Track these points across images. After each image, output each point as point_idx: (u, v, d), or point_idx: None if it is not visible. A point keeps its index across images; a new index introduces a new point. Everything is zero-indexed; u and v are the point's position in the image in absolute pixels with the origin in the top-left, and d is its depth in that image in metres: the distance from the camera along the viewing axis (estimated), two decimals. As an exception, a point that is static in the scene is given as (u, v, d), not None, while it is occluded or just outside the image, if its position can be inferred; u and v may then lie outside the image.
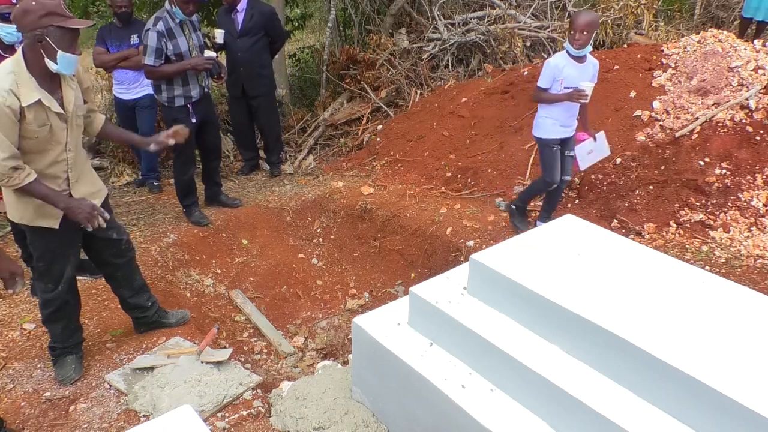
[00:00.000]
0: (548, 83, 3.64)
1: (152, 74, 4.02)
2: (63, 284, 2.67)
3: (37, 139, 2.35)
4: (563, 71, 3.58)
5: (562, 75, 3.59)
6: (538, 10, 6.79)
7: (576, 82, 3.57)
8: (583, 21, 3.45)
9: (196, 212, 4.45)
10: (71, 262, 2.69)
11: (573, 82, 3.58)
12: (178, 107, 4.09)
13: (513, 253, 2.12)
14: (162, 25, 3.87)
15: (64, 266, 2.65)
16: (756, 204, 3.90)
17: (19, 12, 2.24)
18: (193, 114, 4.15)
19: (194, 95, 4.12)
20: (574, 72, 3.59)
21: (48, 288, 2.66)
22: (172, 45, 3.92)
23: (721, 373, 1.54)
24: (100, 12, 7.96)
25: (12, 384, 2.78)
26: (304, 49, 9.10)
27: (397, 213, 4.58)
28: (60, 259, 2.63)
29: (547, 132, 3.79)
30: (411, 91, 6.54)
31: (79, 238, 2.69)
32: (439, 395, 1.99)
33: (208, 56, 4.10)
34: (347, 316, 4.10)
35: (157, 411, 2.53)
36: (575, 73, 3.59)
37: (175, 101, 4.08)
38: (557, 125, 3.75)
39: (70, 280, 2.71)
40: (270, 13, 5.08)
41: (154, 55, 3.89)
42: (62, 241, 2.61)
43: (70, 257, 2.68)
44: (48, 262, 2.61)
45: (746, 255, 3.63)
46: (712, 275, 2.04)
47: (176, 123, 4.08)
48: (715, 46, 4.76)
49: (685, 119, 4.32)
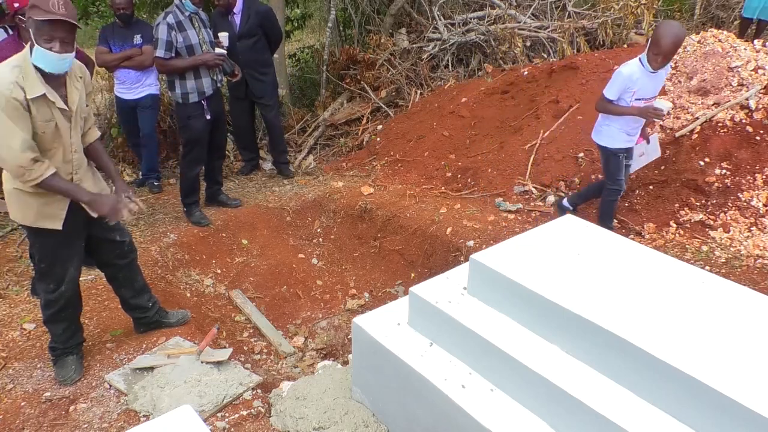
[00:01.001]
0: (617, 95, 3.43)
1: (163, 67, 4.02)
2: (66, 284, 2.66)
3: (43, 135, 2.35)
4: (636, 82, 3.37)
5: (636, 86, 3.38)
6: (538, 10, 6.79)
7: (649, 93, 3.41)
8: (671, 43, 3.16)
9: (197, 212, 4.45)
10: (74, 263, 2.68)
11: (646, 92, 3.41)
12: (192, 104, 4.09)
13: (513, 253, 2.12)
14: (172, 18, 3.90)
15: (67, 267, 2.64)
16: (756, 204, 3.90)
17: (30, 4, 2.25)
18: (208, 110, 4.16)
19: (207, 90, 4.12)
20: (647, 82, 3.38)
21: (50, 289, 2.65)
22: (182, 37, 3.93)
23: (721, 373, 1.54)
24: (100, 12, 7.96)
25: (12, 384, 2.77)
26: (304, 49, 9.11)
27: (397, 213, 4.58)
28: (62, 261, 2.62)
29: (614, 141, 3.61)
30: (411, 91, 6.54)
31: (82, 239, 2.68)
32: (439, 395, 1.99)
33: (218, 52, 4.10)
34: (347, 316, 4.10)
35: (157, 411, 2.53)
36: (649, 84, 3.39)
37: (190, 97, 4.07)
38: (624, 134, 3.59)
39: (73, 281, 2.70)
40: (266, 11, 5.06)
41: (164, 47, 3.90)
42: (65, 243, 2.60)
43: (73, 258, 2.66)
44: (50, 263, 2.61)
45: (746, 255, 3.63)
46: (712, 275, 2.04)
47: (191, 120, 4.13)
48: (715, 46, 4.76)
49: (685, 119, 4.32)
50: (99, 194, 2.55)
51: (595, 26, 6.46)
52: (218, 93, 4.31)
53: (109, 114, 5.84)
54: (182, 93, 4.07)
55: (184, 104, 4.10)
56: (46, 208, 2.48)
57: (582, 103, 4.87)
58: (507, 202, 4.46)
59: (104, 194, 2.56)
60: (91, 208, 2.52)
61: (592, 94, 4.87)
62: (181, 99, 4.09)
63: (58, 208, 2.50)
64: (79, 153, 2.54)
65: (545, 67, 5.55)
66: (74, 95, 2.46)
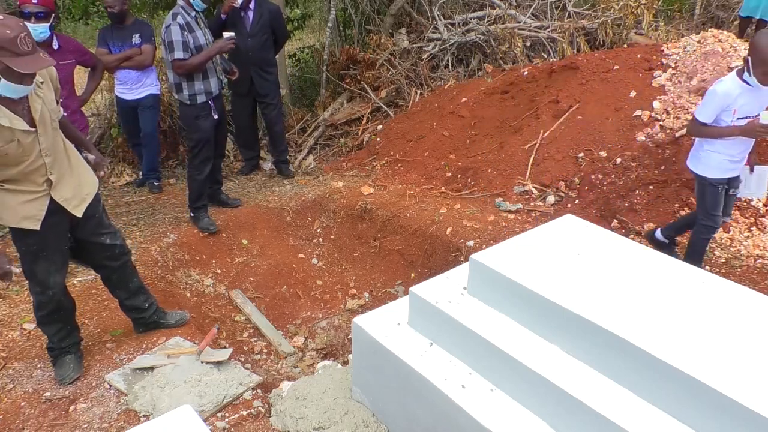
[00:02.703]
0: (712, 117, 3.03)
1: (182, 68, 3.95)
2: (52, 289, 2.63)
3: (7, 156, 2.29)
4: (737, 101, 2.97)
5: (736, 105, 2.98)
6: (538, 10, 6.79)
7: (755, 110, 3.00)
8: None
9: (206, 218, 4.38)
10: (56, 265, 2.63)
11: (751, 110, 2.99)
12: (201, 104, 4.08)
13: (513, 253, 2.12)
14: (181, 19, 3.90)
15: (49, 271, 2.60)
16: (756, 204, 3.90)
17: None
18: (215, 110, 4.16)
19: (214, 90, 4.12)
20: (750, 99, 2.98)
21: (36, 290, 2.63)
22: (192, 38, 3.93)
23: (721, 373, 1.54)
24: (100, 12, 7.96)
25: (12, 384, 2.78)
26: (304, 49, 9.11)
27: (397, 213, 4.58)
28: (42, 261, 2.57)
29: (713, 170, 3.17)
30: (411, 91, 6.54)
31: (64, 241, 2.65)
32: (439, 395, 1.99)
33: (228, 36, 4.06)
34: (347, 316, 4.10)
35: (157, 411, 2.53)
36: (752, 101, 2.98)
37: (197, 98, 4.06)
38: (727, 162, 3.14)
39: (58, 285, 2.66)
40: (277, 11, 5.12)
41: (182, 48, 3.87)
42: (44, 246, 2.56)
43: (54, 263, 2.62)
44: (30, 263, 2.57)
45: (746, 255, 3.63)
46: (712, 275, 2.05)
47: (199, 120, 4.12)
48: (715, 46, 4.76)
49: (685, 119, 4.32)
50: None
51: (595, 26, 6.46)
52: (221, 93, 4.32)
53: (109, 114, 5.84)
54: (190, 94, 4.06)
55: (192, 105, 4.09)
56: (24, 207, 2.44)
57: (582, 103, 4.87)
58: (507, 202, 4.46)
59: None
60: None
61: (592, 94, 4.87)
62: (189, 100, 4.08)
63: (36, 208, 2.46)
64: (51, 155, 2.45)
65: (545, 67, 5.55)
66: (37, 104, 2.37)
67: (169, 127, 5.84)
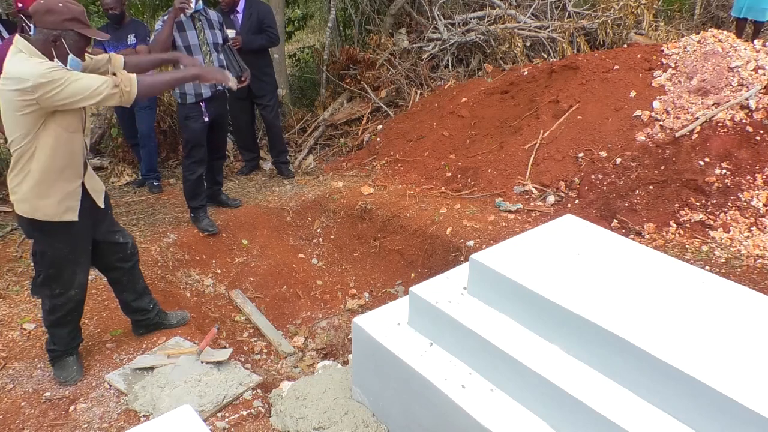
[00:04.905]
0: None
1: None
2: (75, 289, 2.65)
3: (73, 113, 2.37)
4: None
5: None
6: (538, 10, 6.80)
7: None
8: None
9: (205, 219, 4.37)
10: (82, 265, 2.66)
11: None
12: (190, 105, 4.07)
13: (513, 253, 2.12)
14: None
15: (76, 272, 2.63)
16: (756, 204, 3.90)
17: (43, 9, 2.26)
18: (206, 112, 4.13)
19: (204, 92, 4.08)
20: None
21: (56, 293, 2.62)
22: (181, 38, 3.91)
23: (721, 373, 1.54)
24: (100, 12, 7.96)
25: (12, 384, 2.77)
26: (304, 49, 9.12)
27: (397, 213, 4.58)
28: (69, 265, 2.60)
29: None
30: (411, 91, 6.54)
31: (90, 242, 2.67)
32: (439, 395, 1.99)
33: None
34: (347, 316, 4.10)
35: (157, 411, 2.53)
36: None
37: (187, 98, 4.05)
38: None
39: (82, 285, 2.69)
40: (267, 11, 5.09)
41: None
42: (74, 242, 2.58)
43: (82, 263, 2.65)
44: (59, 267, 2.58)
45: (746, 255, 3.63)
46: (712, 275, 2.04)
47: (188, 120, 4.11)
48: (715, 46, 4.76)
49: (685, 119, 4.32)
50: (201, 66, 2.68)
51: (595, 26, 6.47)
52: (221, 96, 4.25)
53: (108, 114, 5.85)
54: (180, 93, 4.06)
55: (182, 104, 4.09)
56: (67, 199, 2.47)
57: (582, 103, 4.87)
58: (507, 202, 4.46)
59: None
60: (203, 78, 2.69)
61: (592, 94, 4.87)
62: (179, 99, 4.08)
63: (74, 198, 2.51)
64: (84, 156, 2.54)
65: (545, 67, 5.55)
66: None
67: (169, 127, 5.84)
